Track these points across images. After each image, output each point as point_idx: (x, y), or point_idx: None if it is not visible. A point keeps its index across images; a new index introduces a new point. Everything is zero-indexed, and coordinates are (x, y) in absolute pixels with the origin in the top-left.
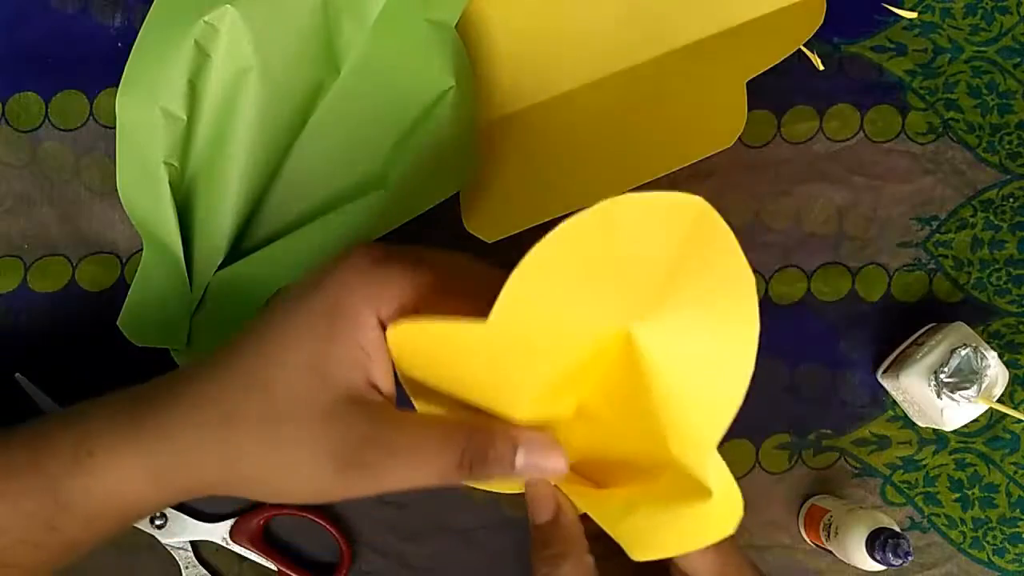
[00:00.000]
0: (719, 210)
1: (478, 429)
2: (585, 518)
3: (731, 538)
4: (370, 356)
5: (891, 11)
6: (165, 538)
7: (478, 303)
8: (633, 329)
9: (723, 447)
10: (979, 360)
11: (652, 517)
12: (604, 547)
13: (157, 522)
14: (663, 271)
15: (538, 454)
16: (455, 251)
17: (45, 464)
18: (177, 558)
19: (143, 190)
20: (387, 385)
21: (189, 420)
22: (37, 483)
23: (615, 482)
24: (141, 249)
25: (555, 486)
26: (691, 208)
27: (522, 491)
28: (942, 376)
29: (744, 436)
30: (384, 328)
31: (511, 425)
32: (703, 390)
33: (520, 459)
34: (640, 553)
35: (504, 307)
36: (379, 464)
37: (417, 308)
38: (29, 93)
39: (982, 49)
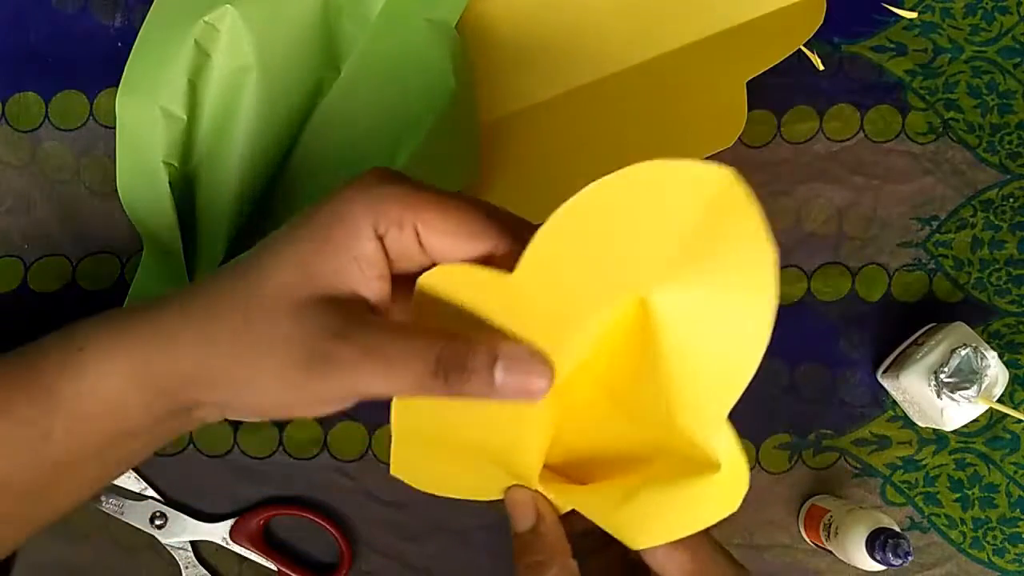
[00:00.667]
0: None
1: (457, 337)
2: (570, 514)
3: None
4: (361, 270)
5: (891, 11)
6: (165, 538)
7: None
8: (651, 294)
9: None
10: (979, 360)
11: (653, 501)
12: (591, 542)
13: (157, 522)
14: (685, 236)
15: (520, 368)
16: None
17: (37, 364)
18: (177, 558)
19: (143, 190)
20: (375, 297)
21: (175, 311)
22: (30, 386)
23: (604, 477)
24: (141, 249)
25: (536, 492)
26: (719, 176)
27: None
28: (942, 376)
29: (744, 436)
30: (383, 243)
31: (494, 337)
32: (717, 360)
33: (499, 374)
34: (641, 541)
35: (528, 263)
36: (349, 362)
37: (416, 229)
38: (29, 93)
39: (982, 49)
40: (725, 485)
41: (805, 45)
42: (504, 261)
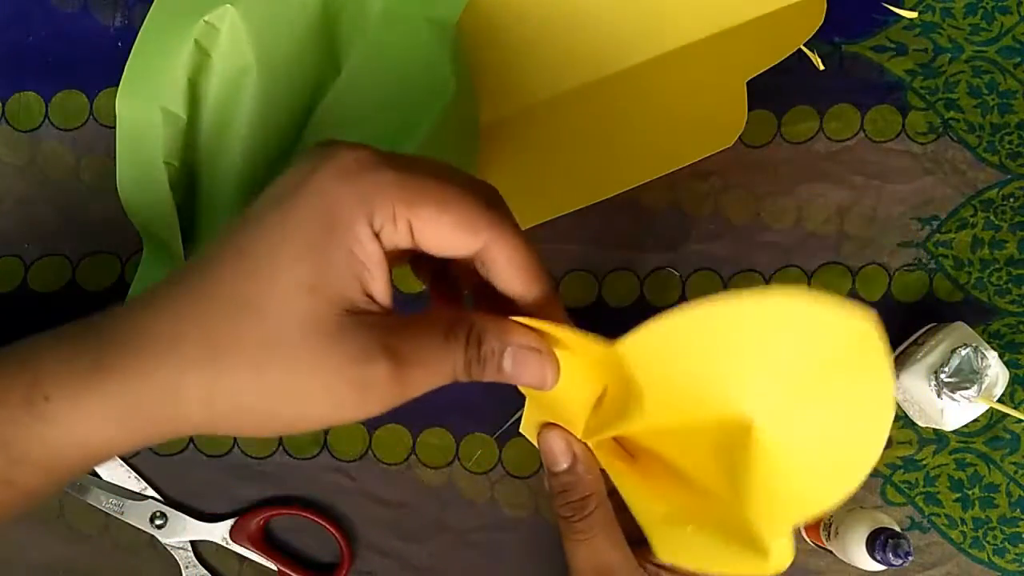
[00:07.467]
0: (718, 210)
1: (473, 327)
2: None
3: None
4: (368, 270)
5: (891, 11)
6: (165, 538)
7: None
8: (758, 411)
9: None
10: (979, 360)
11: (693, 537)
12: (615, 501)
13: (157, 522)
14: (809, 370)
15: (523, 359)
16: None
17: None
18: (177, 558)
19: (143, 190)
20: (384, 297)
21: (166, 357)
22: None
23: (656, 473)
24: (141, 249)
25: (571, 435)
26: (862, 323)
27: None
28: (942, 376)
29: None
30: (379, 239)
31: (507, 325)
32: (801, 488)
33: (507, 363)
34: (666, 556)
35: (638, 343)
36: (393, 378)
37: (410, 220)
38: (29, 93)
39: (982, 49)
40: (761, 569)
41: (805, 45)
42: (494, 253)
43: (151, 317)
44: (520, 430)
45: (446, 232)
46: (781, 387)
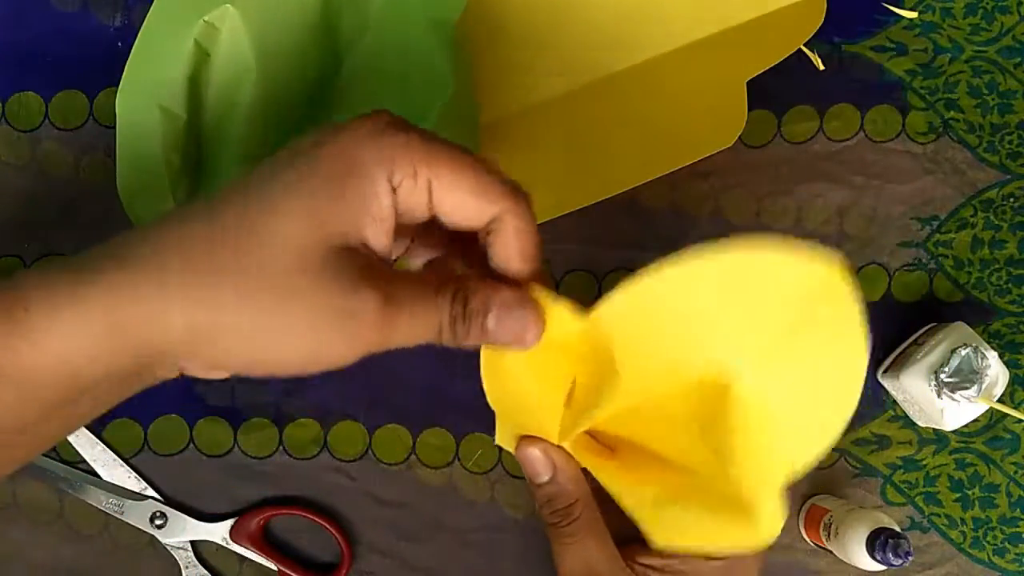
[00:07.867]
0: (718, 210)
1: (462, 286)
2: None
3: None
4: (375, 220)
5: (891, 11)
6: (165, 538)
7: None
8: (733, 371)
9: None
10: (979, 360)
11: (682, 517)
12: (599, 501)
13: (157, 522)
14: (782, 323)
15: (509, 316)
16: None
17: None
18: (177, 558)
19: (143, 190)
20: (383, 249)
21: (151, 268)
22: None
23: (637, 460)
24: None
25: (549, 443)
26: (828, 268)
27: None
28: (942, 376)
29: None
30: (395, 196)
31: (495, 286)
32: (786, 440)
33: (491, 322)
34: (662, 540)
35: (613, 308)
36: (380, 315)
37: (429, 184)
38: (29, 93)
39: (982, 49)
40: (755, 535)
41: (805, 45)
42: (506, 223)
43: (145, 235)
44: (496, 442)
45: (465, 196)
46: (756, 338)
